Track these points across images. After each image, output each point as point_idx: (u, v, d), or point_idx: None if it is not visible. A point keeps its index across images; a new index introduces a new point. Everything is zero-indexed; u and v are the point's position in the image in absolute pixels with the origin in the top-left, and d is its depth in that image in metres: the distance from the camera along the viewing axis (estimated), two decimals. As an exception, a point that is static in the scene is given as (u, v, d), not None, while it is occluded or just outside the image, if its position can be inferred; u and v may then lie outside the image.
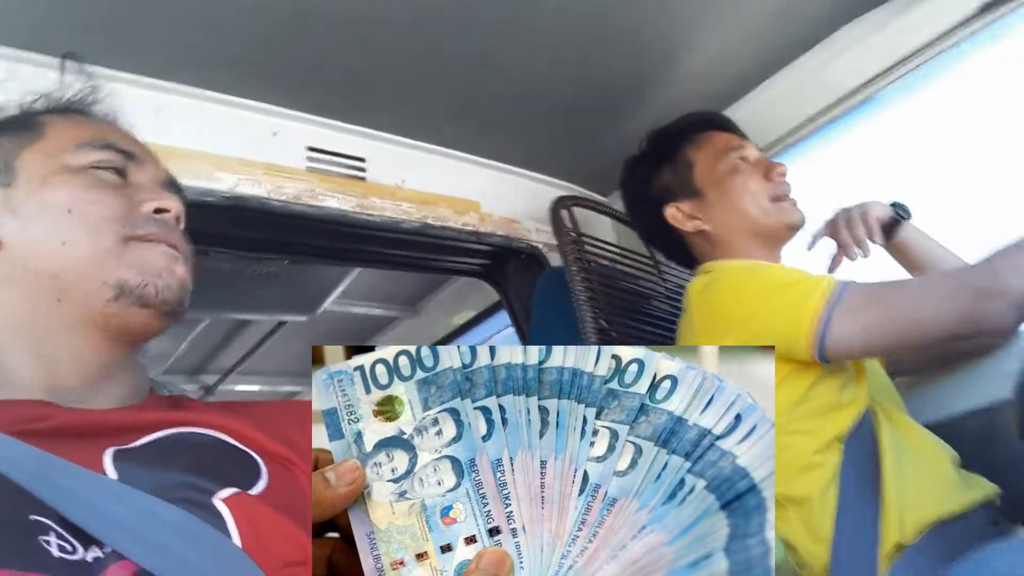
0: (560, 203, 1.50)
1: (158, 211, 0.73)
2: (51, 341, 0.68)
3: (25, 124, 0.77)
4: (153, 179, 0.77)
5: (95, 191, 0.71)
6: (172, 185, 0.81)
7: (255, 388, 3.33)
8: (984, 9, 1.29)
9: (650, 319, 1.51)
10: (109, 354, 0.70)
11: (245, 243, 1.43)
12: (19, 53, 1.03)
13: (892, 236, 1.27)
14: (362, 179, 1.43)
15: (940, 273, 1.20)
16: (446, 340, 3.03)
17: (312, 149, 1.37)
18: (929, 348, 1.27)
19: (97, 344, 0.69)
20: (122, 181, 0.75)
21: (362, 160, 1.43)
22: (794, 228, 1.27)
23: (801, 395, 1.10)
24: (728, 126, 1.35)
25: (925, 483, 1.06)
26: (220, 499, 0.60)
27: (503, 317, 2.39)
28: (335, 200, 1.37)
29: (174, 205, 0.75)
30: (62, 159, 0.73)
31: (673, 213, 1.31)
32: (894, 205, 1.28)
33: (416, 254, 1.61)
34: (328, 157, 1.39)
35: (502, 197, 1.64)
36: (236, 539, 0.57)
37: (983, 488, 1.09)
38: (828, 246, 1.31)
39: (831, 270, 1.30)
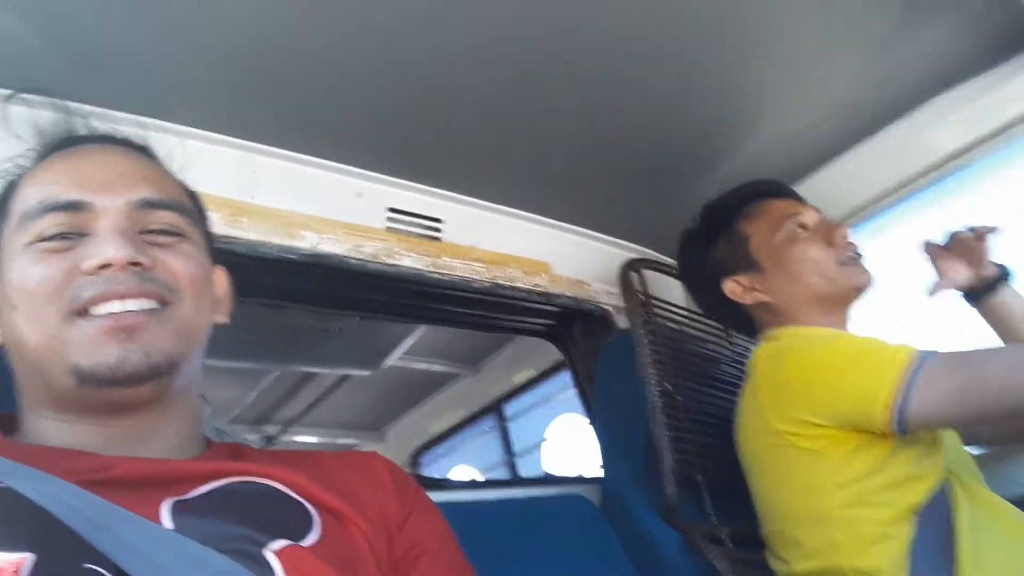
0: (630, 266, 1.51)
1: (102, 267, 0.64)
2: (74, 414, 0.67)
3: (2, 202, 0.73)
4: (111, 221, 0.67)
5: (36, 268, 0.65)
6: (148, 205, 0.70)
7: (314, 439, 3.37)
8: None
9: (716, 383, 1.49)
10: (132, 419, 0.68)
11: (321, 299, 1.47)
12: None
13: (992, 295, 1.23)
14: (438, 239, 1.46)
15: None
16: (506, 398, 3.03)
17: (392, 210, 1.41)
18: (1017, 420, 1.22)
19: (107, 417, 0.67)
20: (69, 243, 0.67)
21: (439, 221, 1.46)
22: (861, 290, 1.23)
23: (875, 467, 1.07)
24: (783, 192, 1.33)
25: (1005, 559, 1.02)
26: (271, 551, 0.60)
27: (562, 378, 2.39)
28: (410, 259, 1.40)
29: (119, 255, 0.64)
30: (16, 240, 0.68)
31: (732, 287, 1.29)
32: (998, 265, 1.24)
33: (484, 313, 1.62)
34: (407, 218, 1.43)
35: (572, 258, 1.65)
36: None
37: (1071, 571, 1.04)
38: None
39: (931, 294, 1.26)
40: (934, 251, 1.28)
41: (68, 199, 0.68)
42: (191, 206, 0.77)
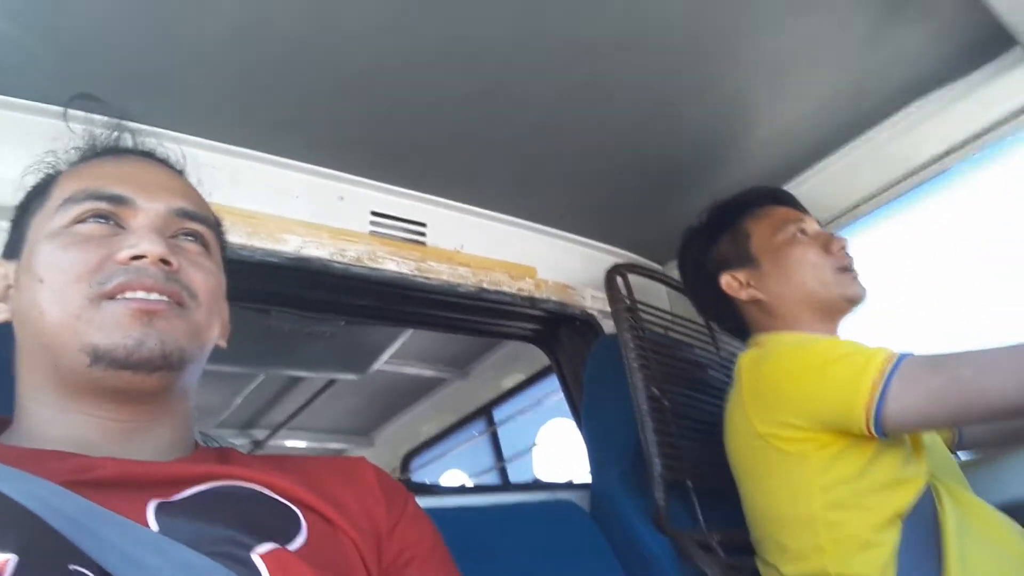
0: (616, 270, 1.51)
1: (135, 257, 0.68)
2: (73, 400, 0.68)
3: (38, 189, 0.78)
4: (149, 220, 0.72)
5: (70, 251, 0.69)
6: (184, 215, 0.75)
7: (303, 444, 3.35)
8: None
9: (703, 387, 1.49)
10: (131, 411, 0.69)
11: (306, 303, 1.46)
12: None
13: None
14: (422, 243, 1.46)
15: (1008, 345, 1.17)
16: (495, 403, 3.02)
17: (376, 214, 1.41)
18: (995, 422, 1.22)
19: (108, 405, 0.68)
20: (110, 229, 0.71)
21: (423, 225, 1.46)
22: (853, 301, 1.25)
23: (859, 470, 1.07)
24: (789, 201, 1.36)
25: (991, 564, 1.02)
26: (258, 554, 0.60)
27: (551, 381, 2.38)
28: (395, 263, 1.40)
29: (153, 249, 0.68)
30: (50, 223, 0.71)
31: (728, 281, 1.31)
32: None
33: (470, 317, 1.62)
34: (390, 222, 1.42)
35: (558, 263, 1.65)
36: None
37: (1056, 570, 1.04)
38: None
39: None
40: None
41: (113, 192, 0.72)
42: (218, 226, 0.82)
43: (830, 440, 1.07)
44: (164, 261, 0.69)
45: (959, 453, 1.35)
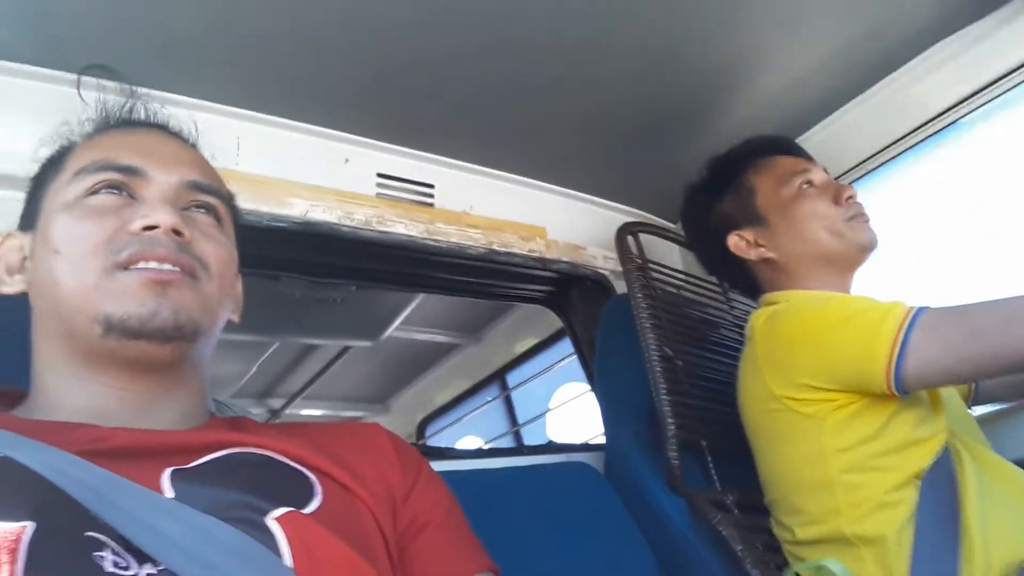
0: (626, 229, 1.49)
1: (147, 228, 0.68)
2: (87, 370, 0.68)
3: (53, 161, 0.78)
4: (161, 191, 0.73)
5: (85, 222, 0.69)
6: (196, 187, 0.75)
7: (319, 413, 3.38)
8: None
9: (716, 347, 1.48)
10: (145, 381, 0.69)
11: (314, 268, 1.46)
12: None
13: None
14: (430, 205, 1.44)
15: None
16: (508, 367, 3.02)
17: (382, 176, 1.39)
18: (1018, 374, 1.20)
19: (122, 375, 0.68)
20: (122, 200, 0.71)
21: (431, 187, 1.45)
22: (867, 249, 1.21)
23: (876, 431, 1.05)
24: (792, 149, 1.31)
25: (1011, 521, 1.01)
26: (273, 518, 0.60)
27: (565, 345, 2.38)
28: (403, 226, 1.39)
29: (165, 219, 0.68)
30: (64, 193, 0.72)
31: (736, 242, 1.27)
32: None
33: (481, 280, 1.61)
34: (398, 184, 1.41)
35: (568, 224, 1.63)
36: (287, 558, 0.57)
37: (1075, 529, 1.03)
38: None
39: None
40: None
41: (126, 163, 0.73)
42: (230, 199, 0.82)
43: (847, 400, 1.05)
44: (176, 232, 0.69)
45: (976, 408, 1.33)
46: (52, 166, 0.77)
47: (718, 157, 1.35)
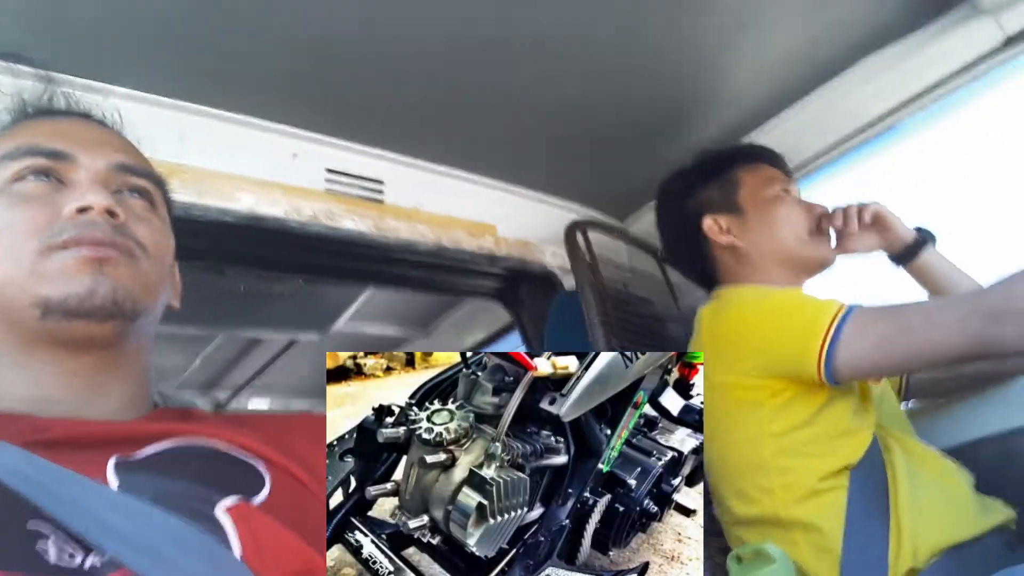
0: (575, 227, 1.50)
1: (81, 210, 0.67)
2: (28, 356, 0.67)
3: None
4: (91, 175, 0.71)
5: (16, 210, 0.68)
6: (125, 170, 0.75)
7: (266, 405, 3.33)
8: (1007, 43, 1.30)
9: (664, 342, 1.51)
10: (86, 360, 0.68)
11: (262, 262, 1.44)
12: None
13: (914, 258, 1.29)
14: (379, 201, 1.43)
15: (954, 295, 1.21)
16: (458, 361, 3.01)
17: (331, 171, 1.38)
18: (941, 369, 1.28)
19: (63, 356, 0.67)
20: (51, 185, 0.70)
21: (380, 182, 1.44)
22: (823, 265, 1.30)
23: (808, 418, 1.11)
24: (780, 164, 1.38)
25: (939, 508, 1.07)
26: (222, 509, 0.60)
27: (514, 339, 2.39)
28: (352, 221, 1.38)
29: (98, 200, 0.68)
30: None
31: (710, 224, 1.32)
32: (918, 229, 1.30)
33: (430, 275, 1.61)
34: (346, 179, 1.40)
35: (517, 220, 1.64)
36: (236, 549, 0.57)
37: (999, 513, 1.11)
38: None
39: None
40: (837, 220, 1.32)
41: (52, 147, 0.71)
42: (162, 184, 0.81)
43: (782, 387, 1.11)
44: (110, 213, 0.68)
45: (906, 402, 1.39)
46: None
47: (711, 149, 1.40)
